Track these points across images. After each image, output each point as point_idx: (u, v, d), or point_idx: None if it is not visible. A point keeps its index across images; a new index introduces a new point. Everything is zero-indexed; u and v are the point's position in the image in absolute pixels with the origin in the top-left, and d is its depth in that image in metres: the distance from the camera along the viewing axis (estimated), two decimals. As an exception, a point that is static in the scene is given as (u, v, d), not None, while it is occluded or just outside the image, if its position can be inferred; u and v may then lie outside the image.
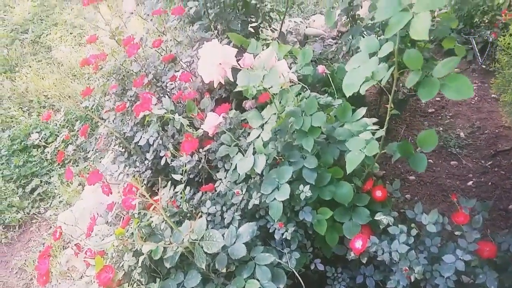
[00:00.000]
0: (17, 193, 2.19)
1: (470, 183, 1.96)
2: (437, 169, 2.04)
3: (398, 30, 0.99)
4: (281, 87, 1.35)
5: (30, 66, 3.06)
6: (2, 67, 3.06)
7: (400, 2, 0.99)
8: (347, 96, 1.08)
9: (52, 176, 2.25)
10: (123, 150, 1.73)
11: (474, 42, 2.66)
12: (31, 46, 3.33)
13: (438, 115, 2.37)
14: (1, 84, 2.88)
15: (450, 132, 2.24)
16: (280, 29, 2.36)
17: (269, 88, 1.25)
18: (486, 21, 2.66)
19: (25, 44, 3.33)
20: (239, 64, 1.29)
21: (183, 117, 1.45)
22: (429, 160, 2.07)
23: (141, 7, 3.68)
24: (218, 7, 2.02)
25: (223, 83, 1.23)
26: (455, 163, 2.07)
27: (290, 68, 1.57)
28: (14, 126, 2.53)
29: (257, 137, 1.23)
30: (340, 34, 2.90)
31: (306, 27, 2.94)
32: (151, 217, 1.20)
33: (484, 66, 2.68)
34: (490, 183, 1.95)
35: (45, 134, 2.42)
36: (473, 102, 2.43)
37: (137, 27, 2.87)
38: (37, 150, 2.34)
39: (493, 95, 2.42)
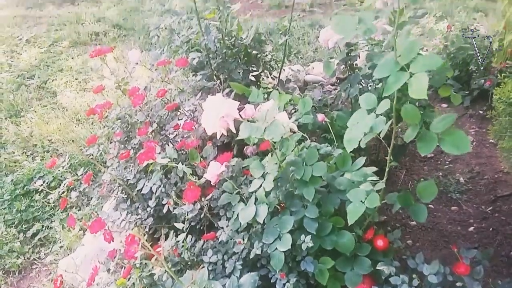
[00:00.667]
0: (18, 238, 2.19)
1: (471, 228, 1.96)
2: (438, 215, 2.05)
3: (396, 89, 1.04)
4: (282, 136, 1.38)
5: (35, 111, 3.12)
6: (7, 112, 3.12)
7: (397, 62, 1.04)
8: (348, 151, 1.11)
9: (54, 221, 2.25)
10: (126, 196, 1.75)
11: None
12: (37, 91, 3.40)
13: (438, 160, 2.40)
14: (6, 129, 2.93)
15: (449, 177, 2.26)
16: (279, 77, 2.43)
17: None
18: (481, 68, 2.74)
19: (31, 89, 3.41)
20: (240, 116, 1.33)
21: (185, 165, 1.47)
22: (430, 206, 2.08)
23: (146, 53, 3.80)
24: (221, 57, 2.09)
25: (226, 134, 1.26)
26: (455, 209, 2.08)
27: (291, 117, 1.62)
28: (17, 171, 2.56)
29: (259, 187, 1.25)
30: (338, 80, 2.98)
31: (306, 74, 3.02)
32: (152, 267, 1.21)
33: (481, 112, 2.73)
34: (491, 229, 1.95)
35: (48, 179, 2.44)
36: (472, 147, 2.46)
37: (142, 75, 2.95)
38: (40, 195, 2.36)
39: (491, 140, 2.46)
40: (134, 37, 4.27)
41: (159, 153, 1.53)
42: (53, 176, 2.44)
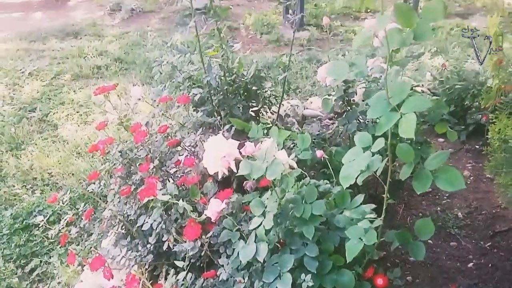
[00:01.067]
0: (16, 274, 2.17)
1: (470, 264, 1.96)
2: (437, 250, 2.05)
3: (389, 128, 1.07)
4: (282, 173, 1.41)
5: (36, 144, 3.14)
6: (8, 145, 3.15)
7: (389, 103, 1.08)
8: (345, 187, 1.14)
9: (52, 256, 2.24)
10: (125, 232, 1.76)
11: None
12: (38, 124, 3.44)
13: (436, 194, 2.41)
14: (6, 162, 2.95)
15: (448, 212, 2.27)
16: (278, 112, 2.47)
17: (270, 176, 1.30)
18: (477, 103, 2.79)
19: (32, 122, 3.45)
20: (241, 153, 1.35)
21: (186, 201, 1.49)
22: (429, 241, 2.08)
23: (147, 87, 3.86)
24: (222, 93, 2.14)
25: (227, 173, 1.29)
26: (454, 244, 2.08)
27: (290, 153, 1.65)
28: (17, 204, 2.56)
29: (259, 225, 1.27)
30: (336, 115, 3.02)
31: (304, 109, 3.07)
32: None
33: (477, 146, 2.77)
34: (490, 265, 1.95)
35: (47, 213, 2.44)
36: (469, 182, 2.49)
37: (144, 110, 3.00)
38: (39, 229, 2.35)
39: (487, 175, 2.48)
40: (135, 70, 4.34)
41: (160, 189, 1.55)
42: (52, 210, 2.45)
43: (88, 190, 1.86)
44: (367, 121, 2.09)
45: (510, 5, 6.07)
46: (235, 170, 1.26)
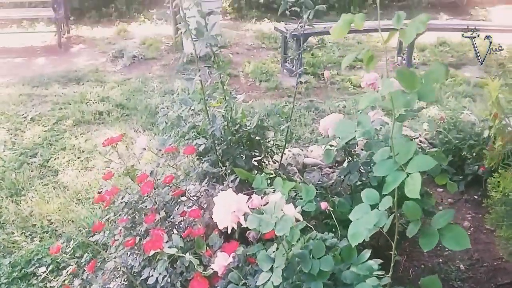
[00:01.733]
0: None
1: (475, 319, 1.95)
2: (441, 304, 2.03)
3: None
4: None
5: (36, 190, 3.14)
6: (8, 190, 3.14)
7: (395, 161, 1.12)
8: (353, 245, 1.15)
9: (50, 307, 2.19)
10: (128, 284, 1.74)
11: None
12: (39, 170, 3.45)
13: (437, 246, 2.40)
14: (6, 208, 2.93)
15: (450, 264, 2.27)
16: (280, 161, 2.51)
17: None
18: (474, 154, 2.84)
19: (33, 168, 3.46)
20: (248, 206, 1.37)
21: (192, 254, 1.49)
22: (433, 294, 2.06)
23: (148, 132, 3.90)
24: (225, 143, 2.18)
25: (236, 228, 1.30)
26: (458, 298, 2.07)
27: (294, 205, 1.67)
28: (15, 252, 2.53)
29: (267, 281, 1.27)
30: (336, 163, 3.06)
31: (305, 157, 3.12)
32: None
33: (476, 197, 2.80)
34: (495, 320, 1.93)
35: (46, 261, 2.41)
36: (469, 233, 2.50)
37: (146, 157, 3.02)
38: (37, 279, 2.32)
39: (487, 227, 2.50)
40: (137, 116, 4.40)
41: (166, 241, 1.56)
42: (51, 259, 2.42)
43: (90, 240, 1.86)
44: (369, 172, 2.12)
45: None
46: (244, 225, 1.27)
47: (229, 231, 1.32)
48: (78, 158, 3.62)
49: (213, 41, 2.05)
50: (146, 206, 1.74)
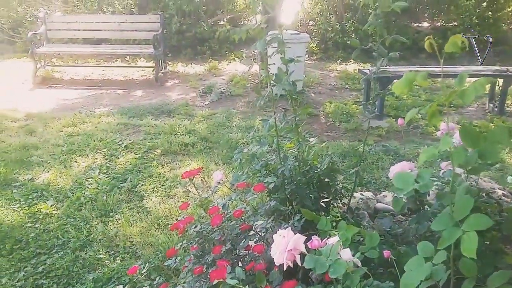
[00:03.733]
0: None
1: None
2: None
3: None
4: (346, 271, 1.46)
5: (122, 213, 3.43)
6: (99, 211, 3.47)
7: (452, 217, 1.13)
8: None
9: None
10: (193, 310, 1.86)
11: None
12: (127, 194, 3.77)
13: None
14: (95, 227, 3.24)
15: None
16: (349, 204, 2.53)
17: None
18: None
19: (122, 192, 3.78)
20: (307, 246, 1.44)
21: (252, 287, 1.58)
22: None
23: (226, 166, 4.10)
24: (294, 183, 2.26)
25: (292, 266, 1.37)
26: None
27: (357, 249, 1.69)
28: (99, 269, 2.78)
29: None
30: (409, 211, 2.98)
31: (377, 202, 3.09)
32: None
33: None
34: None
35: (124, 281, 2.63)
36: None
37: (225, 191, 3.20)
38: (116, 296, 2.53)
39: None
40: (218, 150, 4.65)
41: (229, 272, 1.66)
42: (129, 279, 2.62)
43: (164, 264, 2.02)
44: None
45: None
46: (299, 264, 1.34)
47: (284, 268, 1.39)
48: (162, 185, 3.90)
49: (290, 87, 2.17)
50: (214, 237, 1.87)
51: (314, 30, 9.66)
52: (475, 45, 2.55)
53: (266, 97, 2.33)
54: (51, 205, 3.57)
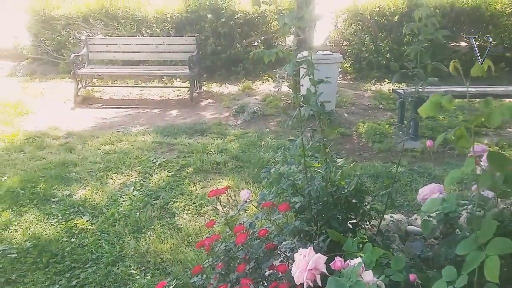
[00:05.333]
0: None
1: None
2: None
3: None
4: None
5: (154, 229, 3.51)
6: (132, 227, 3.56)
7: (476, 241, 1.11)
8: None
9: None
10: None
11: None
12: (159, 211, 3.85)
13: None
14: (128, 243, 3.32)
15: None
16: (378, 227, 2.50)
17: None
18: None
19: (154, 209, 3.87)
20: (329, 267, 1.44)
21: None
22: None
23: (256, 185, 4.13)
24: (321, 203, 2.26)
25: (312, 286, 1.37)
26: None
27: (383, 271, 1.67)
28: (129, 284, 2.85)
29: None
30: (442, 235, 2.91)
31: (408, 225, 3.03)
32: None
33: None
34: None
35: (154, 297, 2.68)
36: None
37: (254, 210, 3.21)
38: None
39: None
40: (249, 169, 4.69)
41: (253, 291, 1.67)
42: (158, 294, 2.67)
43: (191, 281, 2.05)
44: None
45: None
46: (319, 284, 1.34)
47: (305, 287, 1.39)
48: (193, 203, 3.96)
49: (318, 108, 2.19)
50: (239, 256, 1.89)
51: (348, 50, 9.65)
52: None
53: (294, 117, 2.36)
54: (87, 221, 3.69)
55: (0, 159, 5.14)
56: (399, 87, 6.84)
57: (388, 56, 9.21)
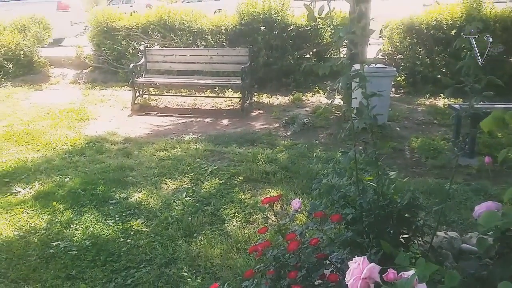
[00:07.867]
0: None
1: None
2: None
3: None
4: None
5: (205, 234, 3.61)
6: (184, 231, 3.69)
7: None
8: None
9: None
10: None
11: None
12: (210, 217, 3.96)
13: None
14: (180, 246, 3.45)
15: None
16: (431, 243, 2.46)
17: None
18: None
19: (205, 214, 3.99)
20: (382, 278, 1.46)
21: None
22: None
23: (306, 196, 4.16)
24: (373, 216, 2.26)
25: (364, 295, 1.39)
26: None
27: None
28: (181, 286, 2.96)
29: None
30: (497, 255, 2.81)
31: (462, 243, 2.96)
32: None
33: None
34: None
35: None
36: None
37: (303, 220, 3.26)
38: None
39: None
40: (298, 180, 4.72)
41: (303, 298, 1.71)
42: (208, 298, 2.76)
43: (241, 286, 2.11)
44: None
45: None
46: (372, 294, 1.36)
47: (357, 298, 1.41)
48: (243, 211, 4.05)
49: (371, 121, 2.21)
50: (290, 263, 1.93)
51: (402, 64, 9.48)
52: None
53: (347, 130, 2.39)
54: (142, 223, 3.86)
55: (64, 161, 5.47)
56: (455, 102, 6.66)
57: (443, 70, 8.97)
